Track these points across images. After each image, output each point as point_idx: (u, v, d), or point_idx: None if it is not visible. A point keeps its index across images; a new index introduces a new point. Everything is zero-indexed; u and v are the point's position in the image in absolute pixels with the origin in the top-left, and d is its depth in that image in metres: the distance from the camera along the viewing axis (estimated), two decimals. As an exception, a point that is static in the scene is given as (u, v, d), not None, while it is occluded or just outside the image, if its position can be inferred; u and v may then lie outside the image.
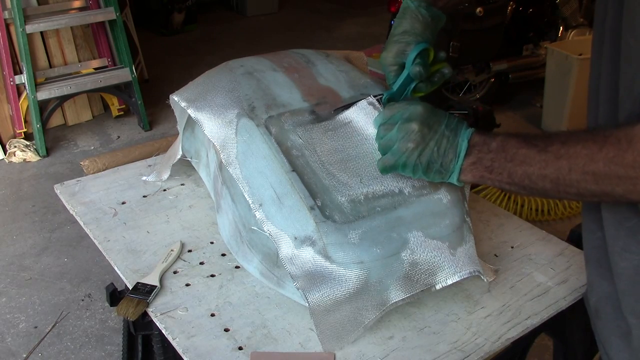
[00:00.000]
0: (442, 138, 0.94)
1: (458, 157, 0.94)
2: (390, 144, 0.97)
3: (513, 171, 0.89)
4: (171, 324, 1.00)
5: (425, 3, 1.08)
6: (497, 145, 0.91)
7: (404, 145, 0.95)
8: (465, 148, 0.93)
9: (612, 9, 0.85)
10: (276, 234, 0.99)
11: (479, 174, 0.93)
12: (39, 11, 3.48)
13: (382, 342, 0.98)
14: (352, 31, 5.51)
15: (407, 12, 1.09)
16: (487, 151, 0.92)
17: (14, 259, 2.67)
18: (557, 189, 0.85)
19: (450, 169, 0.95)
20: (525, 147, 0.88)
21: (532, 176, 0.87)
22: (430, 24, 1.09)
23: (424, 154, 0.95)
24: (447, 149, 0.94)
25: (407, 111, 0.96)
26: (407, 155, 0.95)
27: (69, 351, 2.21)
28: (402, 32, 1.08)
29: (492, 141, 0.92)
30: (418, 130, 0.94)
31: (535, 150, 0.86)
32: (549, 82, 3.69)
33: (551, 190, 0.86)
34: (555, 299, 1.08)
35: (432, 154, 0.94)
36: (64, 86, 3.52)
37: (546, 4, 3.95)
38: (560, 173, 0.83)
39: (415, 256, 0.98)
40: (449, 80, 3.78)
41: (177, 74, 4.42)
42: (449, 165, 0.95)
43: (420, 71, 1.04)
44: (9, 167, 3.41)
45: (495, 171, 0.91)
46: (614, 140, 0.78)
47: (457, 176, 0.95)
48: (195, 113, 1.12)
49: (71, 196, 1.32)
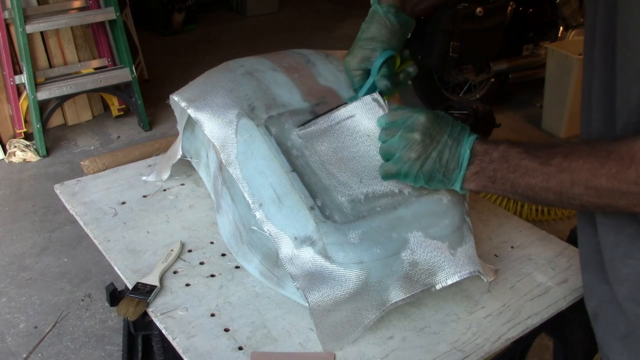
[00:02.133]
0: (444, 148, 0.93)
1: (460, 166, 0.93)
2: (392, 150, 0.96)
3: (516, 182, 0.88)
4: (171, 324, 1.00)
5: (394, 9, 1.08)
6: (499, 155, 0.90)
7: (406, 155, 0.94)
8: (467, 157, 0.92)
9: (603, 14, 0.85)
10: (276, 234, 0.99)
11: (482, 183, 0.93)
12: (39, 11, 3.48)
13: (382, 342, 0.98)
14: (352, 31, 5.48)
15: (375, 17, 1.08)
16: (489, 161, 0.91)
17: (14, 259, 2.67)
18: (560, 201, 0.86)
19: (453, 179, 0.94)
20: (528, 159, 0.87)
21: (535, 188, 0.87)
22: (398, 30, 1.08)
23: (425, 165, 0.94)
24: (449, 159, 0.93)
25: (410, 119, 0.95)
26: (409, 165, 0.94)
27: (69, 351, 2.21)
28: (369, 39, 1.08)
29: (493, 151, 0.91)
30: (420, 141, 0.93)
31: (538, 163, 0.86)
32: (549, 82, 3.69)
33: (555, 202, 0.87)
34: (555, 299, 1.08)
35: (434, 165, 0.93)
36: (64, 86, 3.51)
37: (546, 4, 3.95)
38: (563, 186, 0.84)
39: (415, 256, 0.98)
40: (449, 80, 3.78)
41: (177, 74, 4.42)
42: (451, 175, 0.94)
43: (387, 85, 1.05)
44: (9, 167, 3.41)
45: (498, 181, 0.91)
46: (616, 157, 0.78)
47: (459, 185, 0.95)
48: (195, 113, 1.12)
49: (71, 196, 1.32)
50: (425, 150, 0.93)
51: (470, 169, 0.92)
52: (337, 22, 5.81)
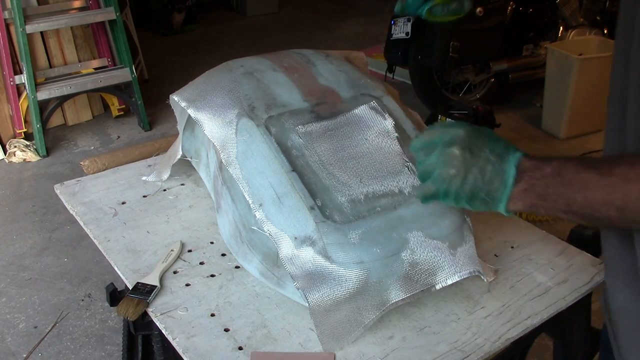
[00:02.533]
0: (486, 164, 0.86)
1: (505, 184, 0.85)
2: (430, 169, 0.90)
3: (571, 198, 0.80)
4: (171, 324, 1.00)
5: None
6: (552, 169, 0.82)
7: (445, 172, 0.88)
8: (513, 175, 0.85)
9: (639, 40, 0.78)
10: (276, 234, 0.99)
11: (530, 201, 0.85)
12: (39, 11, 3.48)
13: (382, 342, 0.98)
14: (352, 31, 5.51)
15: None
16: (541, 177, 0.83)
17: (14, 259, 2.67)
18: (622, 217, 0.77)
19: (497, 198, 0.86)
20: (585, 171, 0.79)
21: (594, 203, 0.78)
22: None
23: (466, 182, 0.87)
24: (492, 176, 0.86)
25: (447, 134, 0.89)
26: (449, 182, 0.88)
27: (69, 351, 2.21)
28: None
29: (546, 166, 0.83)
30: (460, 156, 0.87)
31: (597, 174, 0.78)
32: (549, 82, 3.69)
33: (615, 219, 0.78)
34: (555, 299, 1.08)
35: (476, 182, 0.86)
36: (64, 86, 3.51)
37: (546, 4, 3.95)
38: (629, 199, 0.75)
39: (415, 256, 0.98)
40: (449, 80, 3.78)
41: (177, 74, 4.42)
42: (495, 194, 0.86)
43: None
44: (9, 167, 3.41)
45: (550, 198, 0.82)
46: None
47: (505, 205, 0.87)
48: (195, 113, 1.12)
49: (71, 196, 1.32)
50: (466, 166, 0.87)
51: (517, 187, 0.85)
52: (337, 22, 5.81)
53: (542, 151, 3.39)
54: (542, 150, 3.41)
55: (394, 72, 3.77)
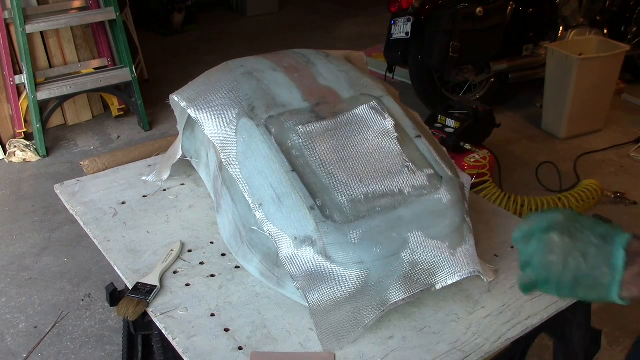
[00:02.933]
0: (588, 247, 0.80)
1: (615, 268, 0.78)
2: (530, 258, 0.85)
3: None
4: (171, 324, 1.00)
5: None
6: None
7: (544, 259, 0.82)
8: (622, 257, 0.78)
9: None
10: (276, 234, 0.99)
11: None
12: (39, 11, 3.48)
13: (382, 342, 0.98)
14: (352, 31, 5.51)
15: None
16: None
17: (14, 259, 2.67)
18: None
19: (606, 284, 0.79)
20: None
21: None
22: None
23: (568, 267, 0.81)
24: (597, 260, 0.79)
25: (545, 220, 0.84)
26: (549, 269, 0.82)
27: (69, 351, 2.21)
28: None
29: None
30: (558, 240, 0.82)
31: None
32: (549, 82, 3.69)
33: None
34: (555, 299, 1.08)
35: (579, 267, 0.80)
36: (64, 86, 3.51)
37: (546, 4, 3.95)
38: None
39: (415, 256, 0.98)
40: (449, 80, 3.78)
41: (177, 74, 4.42)
42: (603, 279, 0.79)
43: None
44: (9, 167, 3.41)
45: None
46: None
47: (617, 292, 0.79)
48: (195, 113, 1.12)
49: (71, 196, 1.32)
50: (565, 251, 0.81)
51: (629, 270, 0.78)
52: (337, 22, 5.81)
53: (542, 151, 3.39)
54: (542, 150, 3.41)
55: (394, 72, 3.77)
